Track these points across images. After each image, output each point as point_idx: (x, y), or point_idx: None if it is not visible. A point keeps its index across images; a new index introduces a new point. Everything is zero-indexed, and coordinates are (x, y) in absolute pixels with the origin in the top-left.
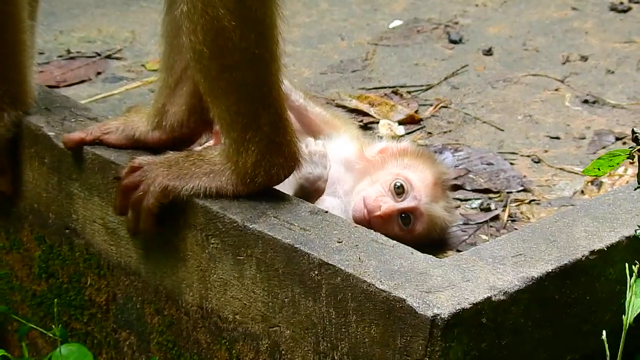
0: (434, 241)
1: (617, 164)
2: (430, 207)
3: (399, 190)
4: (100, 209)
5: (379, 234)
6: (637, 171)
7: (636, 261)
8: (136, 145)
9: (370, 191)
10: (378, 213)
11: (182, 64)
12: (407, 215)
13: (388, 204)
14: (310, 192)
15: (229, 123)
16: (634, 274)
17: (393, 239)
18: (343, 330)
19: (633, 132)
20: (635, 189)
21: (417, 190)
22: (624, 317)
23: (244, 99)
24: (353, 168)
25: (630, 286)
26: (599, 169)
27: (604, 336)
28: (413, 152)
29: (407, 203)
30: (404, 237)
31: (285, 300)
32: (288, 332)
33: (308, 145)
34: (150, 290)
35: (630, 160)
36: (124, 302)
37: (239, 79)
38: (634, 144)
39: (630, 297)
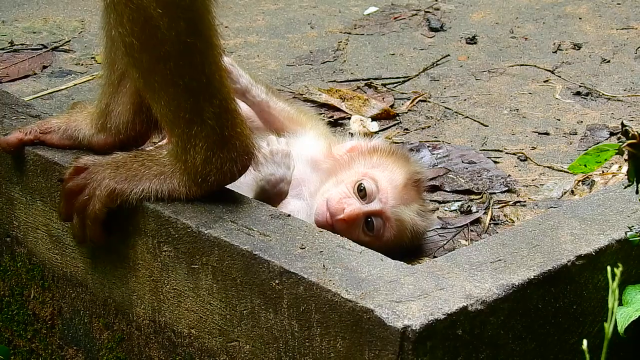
0: (405, 247)
1: (606, 159)
2: (398, 210)
3: (362, 193)
4: (43, 215)
5: (345, 239)
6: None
7: (618, 264)
8: (80, 147)
9: (334, 192)
10: (341, 216)
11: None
12: (371, 220)
13: (353, 206)
14: (272, 195)
15: (171, 120)
16: (616, 277)
17: (361, 245)
18: (307, 344)
19: (622, 125)
20: (625, 188)
21: (384, 191)
22: (605, 325)
23: (182, 92)
24: (320, 168)
25: (612, 291)
26: (585, 166)
27: (584, 345)
28: (384, 150)
29: (372, 206)
30: (372, 244)
31: (244, 312)
32: (247, 346)
33: (270, 144)
34: (98, 303)
35: (625, 157)
36: (70, 317)
37: (174, 71)
38: (624, 139)
39: (612, 303)
